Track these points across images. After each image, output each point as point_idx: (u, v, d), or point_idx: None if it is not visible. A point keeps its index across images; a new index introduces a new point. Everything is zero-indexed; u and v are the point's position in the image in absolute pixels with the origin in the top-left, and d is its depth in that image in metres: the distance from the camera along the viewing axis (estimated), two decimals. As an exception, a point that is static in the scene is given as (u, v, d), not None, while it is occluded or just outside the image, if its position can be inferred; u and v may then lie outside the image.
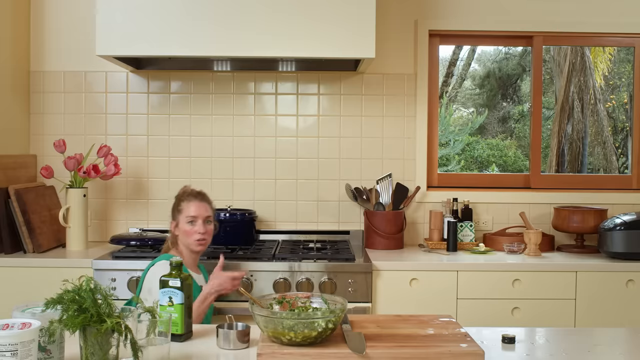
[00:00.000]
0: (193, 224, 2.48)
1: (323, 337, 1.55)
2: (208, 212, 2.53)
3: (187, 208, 2.50)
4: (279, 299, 1.70)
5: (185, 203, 2.52)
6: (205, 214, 2.51)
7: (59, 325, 1.41)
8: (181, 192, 2.59)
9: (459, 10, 3.48)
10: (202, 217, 2.49)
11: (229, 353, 1.67)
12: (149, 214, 3.44)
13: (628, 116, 9.86)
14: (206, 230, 2.50)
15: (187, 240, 2.49)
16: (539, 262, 2.96)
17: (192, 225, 2.48)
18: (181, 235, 2.51)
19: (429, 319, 1.79)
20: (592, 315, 2.91)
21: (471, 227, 3.34)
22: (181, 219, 2.51)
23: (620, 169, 9.94)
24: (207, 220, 2.52)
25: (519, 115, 11.45)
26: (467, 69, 11.88)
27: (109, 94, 3.44)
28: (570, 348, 1.73)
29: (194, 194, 2.55)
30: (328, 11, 2.94)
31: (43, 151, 3.41)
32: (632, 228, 2.99)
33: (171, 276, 1.79)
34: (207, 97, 3.45)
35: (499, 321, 2.85)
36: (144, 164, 3.45)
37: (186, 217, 2.49)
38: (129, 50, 2.96)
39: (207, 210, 2.52)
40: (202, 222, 2.49)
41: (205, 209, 2.52)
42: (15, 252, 2.97)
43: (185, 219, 2.49)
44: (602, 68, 9.52)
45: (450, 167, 10.33)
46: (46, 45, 3.43)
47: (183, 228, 2.49)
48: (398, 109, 3.48)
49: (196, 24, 2.93)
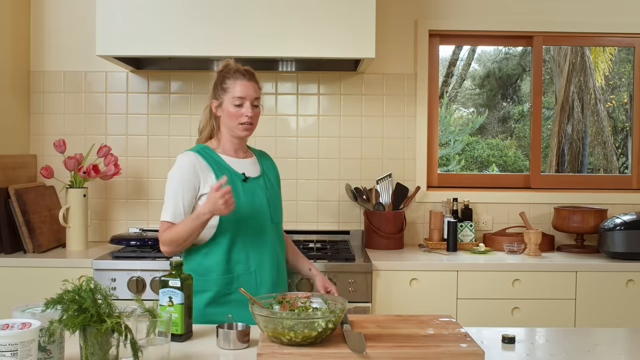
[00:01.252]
0: (240, 106, 2.20)
1: (323, 337, 1.55)
2: (257, 92, 2.24)
3: (234, 87, 2.21)
4: (279, 299, 1.70)
5: (232, 81, 2.22)
6: (253, 94, 2.22)
7: (59, 325, 1.41)
8: (224, 68, 2.27)
9: (459, 10, 3.48)
10: (250, 99, 2.21)
11: (229, 353, 1.67)
12: (149, 214, 3.44)
13: (628, 116, 9.86)
14: (254, 114, 2.22)
15: (231, 124, 2.21)
16: (539, 262, 2.96)
17: (239, 107, 2.20)
18: (224, 117, 2.23)
19: (429, 319, 1.79)
20: (592, 315, 2.91)
21: (471, 227, 3.34)
22: (226, 99, 2.21)
23: (620, 169, 9.94)
24: (255, 104, 2.23)
25: (519, 115, 11.45)
26: (467, 69, 11.88)
27: (109, 94, 3.44)
28: (570, 348, 1.73)
29: (241, 71, 2.23)
30: (328, 11, 2.94)
31: (43, 151, 3.41)
32: (632, 228, 2.99)
33: (171, 276, 1.79)
34: (207, 97, 3.44)
35: (499, 321, 2.85)
36: (144, 164, 3.45)
37: (232, 98, 2.20)
38: (129, 50, 2.96)
39: (255, 91, 2.24)
40: (249, 104, 2.20)
41: (254, 89, 2.23)
42: (15, 252, 2.97)
43: (232, 100, 2.20)
44: (602, 68, 9.52)
45: (450, 167, 10.33)
46: (46, 45, 3.43)
47: (228, 109, 2.21)
48: (398, 109, 3.48)
49: (196, 24, 2.93)
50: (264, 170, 2.31)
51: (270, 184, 2.30)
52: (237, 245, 2.16)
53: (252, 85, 2.23)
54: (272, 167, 2.39)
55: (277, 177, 2.39)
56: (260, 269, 2.18)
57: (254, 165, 2.31)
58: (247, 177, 2.21)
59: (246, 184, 2.20)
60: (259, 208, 2.21)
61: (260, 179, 2.27)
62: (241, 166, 2.25)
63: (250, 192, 2.20)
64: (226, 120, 2.23)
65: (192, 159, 2.18)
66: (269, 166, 2.36)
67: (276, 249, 2.25)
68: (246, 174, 2.22)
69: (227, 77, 2.23)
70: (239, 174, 2.21)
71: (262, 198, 2.22)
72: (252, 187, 2.22)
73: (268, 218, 2.23)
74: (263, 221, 2.21)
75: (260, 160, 2.35)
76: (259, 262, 2.18)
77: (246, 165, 2.27)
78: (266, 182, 2.28)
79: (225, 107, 2.21)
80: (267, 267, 2.20)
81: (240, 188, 2.18)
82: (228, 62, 2.27)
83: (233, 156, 2.25)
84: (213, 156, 2.22)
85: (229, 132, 2.24)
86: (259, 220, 2.20)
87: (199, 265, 2.17)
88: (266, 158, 2.40)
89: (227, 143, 2.26)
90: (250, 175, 2.24)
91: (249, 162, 2.29)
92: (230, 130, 2.24)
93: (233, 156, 2.25)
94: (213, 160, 2.21)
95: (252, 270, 2.17)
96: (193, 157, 2.19)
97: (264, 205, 2.22)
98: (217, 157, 2.22)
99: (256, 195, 2.21)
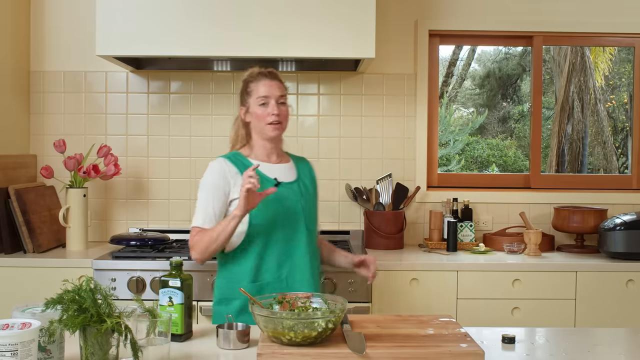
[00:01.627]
0: (265, 105, 2.18)
1: (323, 337, 1.55)
2: (281, 90, 2.22)
3: (257, 88, 2.19)
4: (279, 299, 1.70)
5: (254, 84, 2.21)
6: (277, 92, 2.20)
7: (59, 325, 1.41)
8: (248, 74, 2.26)
9: (459, 10, 3.48)
10: (275, 97, 2.18)
11: (228, 353, 1.67)
12: (149, 214, 3.44)
13: (628, 116, 9.86)
14: (280, 112, 2.18)
15: (260, 125, 2.19)
16: (539, 262, 2.96)
17: (265, 107, 2.18)
18: (253, 120, 2.20)
19: (429, 319, 1.79)
20: (592, 315, 2.91)
21: (471, 227, 3.34)
22: (251, 101, 2.20)
23: (620, 169, 9.94)
24: (281, 101, 2.20)
25: (519, 115, 11.45)
26: (467, 69, 11.89)
27: (109, 94, 3.44)
28: (570, 348, 1.73)
29: (263, 72, 2.23)
30: (328, 11, 2.94)
31: (43, 151, 3.41)
32: (632, 228, 2.99)
33: (171, 276, 1.79)
34: (207, 97, 3.45)
35: (499, 321, 2.85)
36: (144, 164, 3.45)
37: (257, 99, 2.18)
38: (129, 50, 2.96)
39: (280, 89, 2.22)
40: (274, 102, 2.18)
41: (278, 88, 2.21)
42: (15, 252, 2.97)
43: (257, 101, 2.18)
44: (602, 68, 9.52)
45: (450, 167, 10.33)
46: (46, 45, 3.43)
47: (255, 112, 2.18)
48: (398, 109, 3.48)
49: (196, 24, 2.93)
50: (300, 175, 2.27)
51: (306, 190, 2.25)
52: (268, 252, 2.12)
53: (276, 84, 2.21)
54: (309, 173, 2.34)
55: (314, 182, 2.34)
56: (291, 277, 2.13)
57: (290, 170, 2.26)
58: (279, 182, 2.14)
59: (278, 189, 2.11)
60: (292, 214, 2.16)
61: (294, 184, 2.22)
62: (274, 171, 2.20)
63: (283, 197, 2.15)
64: (255, 123, 2.20)
65: (221, 165, 2.16)
66: (305, 171, 2.31)
67: (310, 256, 2.18)
68: (279, 179, 2.15)
69: (250, 81, 2.23)
70: (271, 178, 2.15)
71: (295, 203, 2.17)
72: (285, 192, 2.16)
73: (302, 224, 2.17)
74: (296, 227, 2.16)
75: (297, 165, 2.30)
76: (290, 270, 2.13)
77: (280, 170, 2.22)
78: (301, 187, 2.23)
79: (252, 110, 2.20)
80: (299, 275, 2.14)
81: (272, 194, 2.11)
82: (251, 69, 2.27)
83: (266, 161, 2.22)
84: (244, 162, 2.19)
85: (260, 137, 2.22)
86: (292, 227, 2.15)
87: (229, 272, 2.15)
88: (304, 163, 2.35)
89: (260, 149, 2.23)
90: (284, 180, 2.18)
91: (284, 167, 2.25)
92: (260, 134, 2.21)
93: (266, 161, 2.22)
94: (243, 165, 2.16)
95: (283, 278, 2.12)
96: (222, 163, 2.17)
97: (298, 210, 2.17)
98: (248, 162, 2.18)
99: (288, 200, 2.16)
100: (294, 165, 2.29)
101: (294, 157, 2.35)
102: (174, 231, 3.38)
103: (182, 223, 3.43)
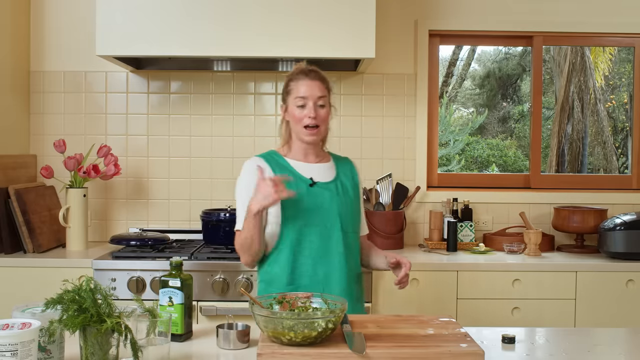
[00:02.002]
0: (303, 107, 2.08)
1: (323, 337, 1.55)
2: (322, 91, 2.09)
3: (296, 88, 2.09)
4: (279, 299, 1.70)
5: (294, 82, 2.11)
6: (317, 94, 2.08)
7: (59, 325, 1.41)
8: (291, 72, 2.16)
9: (459, 10, 3.48)
10: (313, 98, 2.07)
11: (228, 353, 1.67)
12: (149, 214, 3.44)
13: (628, 116, 9.86)
14: (317, 115, 2.07)
15: (296, 127, 2.10)
16: (539, 262, 2.96)
17: (302, 108, 2.08)
18: (291, 121, 2.12)
19: (429, 319, 1.79)
20: (592, 315, 2.91)
21: (471, 227, 3.34)
22: (290, 101, 2.11)
23: (620, 169, 9.94)
24: (320, 103, 2.09)
25: (519, 115, 11.46)
26: (467, 69, 11.89)
27: (109, 94, 3.44)
28: (570, 348, 1.73)
29: (304, 71, 2.11)
30: (328, 11, 2.94)
31: (43, 151, 3.41)
32: (632, 228, 2.99)
33: (171, 276, 1.79)
34: (207, 97, 3.45)
35: (499, 321, 2.85)
36: (144, 164, 3.45)
37: (295, 99, 2.09)
38: (129, 50, 2.96)
39: (320, 90, 2.09)
40: (312, 104, 2.07)
41: (318, 88, 2.08)
42: (15, 252, 2.97)
43: (294, 101, 2.09)
44: (602, 68, 9.52)
45: (450, 167, 10.33)
46: (46, 45, 3.43)
47: (292, 113, 2.10)
48: (398, 109, 3.48)
49: (196, 24, 2.93)
50: (339, 174, 2.17)
51: (344, 190, 2.15)
52: (303, 254, 2.05)
53: (316, 84, 2.09)
54: (351, 173, 2.22)
55: (356, 183, 2.22)
56: (327, 281, 2.05)
57: (329, 170, 2.17)
58: (314, 181, 2.08)
59: (312, 189, 2.06)
60: (326, 214, 2.07)
61: (331, 184, 2.13)
62: (310, 170, 2.12)
63: (317, 197, 2.07)
64: (292, 125, 2.12)
65: (254, 164, 2.09)
66: (346, 171, 2.21)
67: (347, 259, 2.09)
68: (314, 179, 2.09)
69: (291, 79, 2.14)
70: (306, 178, 2.08)
71: (330, 204, 2.08)
72: (320, 192, 2.08)
73: (337, 225, 2.08)
74: (330, 229, 2.07)
75: (337, 165, 2.21)
76: (326, 273, 2.05)
77: (318, 169, 2.14)
78: (338, 187, 2.14)
79: (290, 110, 2.11)
80: (337, 279, 2.06)
81: (305, 192, 2.06)
82: (297, 65, 2.18)
83: (302, 161, 2.14)
84: (279, 160, 2.13)
85: (297, 137, 2.13)
86: (326, 228, 2.07)
87: (266, 274, 2.10)
88: (346, 163, 2.24)
89: (297, 148, 2.15)
90: (320, 180, 2.11)
91: (322, 166, 2.16)
92: (297, 135, 2.12)
93: (302, 161, 2.14)
94: (277, 164, 2.11)
95: (320, 280, 2.04)
96: (256, 162, 2.11)
97: (332, 211, 2.08)
98: (283, 161, 2.13)
99: (323, 201, 2.08)
100: (334, 164, 2.19)
101: (335, 156, 2.25)
102: (174, 231, 3.38)
103: (182, 223, 3.43)
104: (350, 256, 2.11)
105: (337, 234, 2.07)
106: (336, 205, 2.09)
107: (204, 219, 3.09)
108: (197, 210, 3.32)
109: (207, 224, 3.08)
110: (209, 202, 3.40)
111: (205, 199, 3.42)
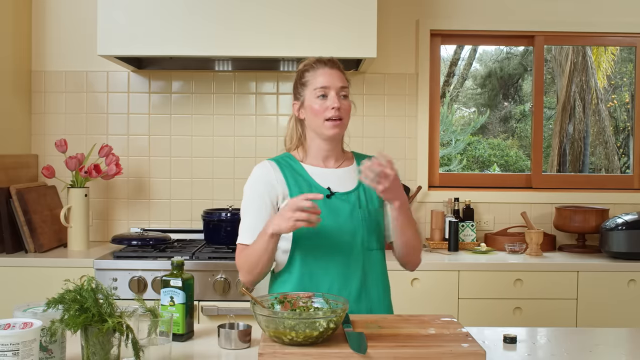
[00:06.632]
0: (324, 98, 1.86)
1: (324, 337, 1.55)
2: (343, 81, 1.89)
3: (314, 78, 1.87)
4: (280, 299, 1.70)
5: (311, 73, 1.89)
6: (339, 83, 1.88)
7: (61, 325, 1.41)
8: (303, 64, 1.94)
9: (460, 10, 3.47)
10: (336, 88, 1.87)
11: (230, 353, 1.67)
12: (150, 213, 3.45)
13: (630, 116, 9.85)
14: (342, 105, 1.87)
15: (316, 122, 1.87)
16: (540, 262, 2.96)
17: (323, 99, 1.86)
18: (309, 117, 1.89)
19: (430, 318, 1.79)
20: (593, 315, 2.91)
21: (472, 226, 3.34)
22: (307, 93, 1.88)
23: (622, 168, 9.93)
24: (342, 93, 1.89)
25: (520, 115, 11.45)
26: (468, 69, 11.89)
27: (110, 94, 3.45)
28: (572, 348, 1.73)
29: (322, 60, 1.90)
30: (329, 11, 2.94)
31: (44, 151, 3.42)
32: (633, 228, 2.99)
33: (173, 276, 1.79)
34: (209, 97, 3.45)
35: (501, 321, 2.85)
36: (145, 164, 3.45)
37: (314, 90, 1.86)
38: (130, 50, 2.96)
39: (341, 80, 1.89)
40: (335, 94, 1.86)
41: (339, 78, 1.88)
42: (16, 252, 2.98)
43: (314, 93, 1.86)
44: (604, 68, 9.52)
45: (451, 166, 10.33)
46: (47, 45, 3.43)
47: (311, 106, 1.87)
48: (399, 108, 3.48)
49: (197, 24, 2.93)
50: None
51: (369, 198, 1.89)
52: (318, 274, 1.83)
53: (337, 74, 1.89)
54: None
55: None
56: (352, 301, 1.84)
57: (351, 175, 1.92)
58: (332, 192, 1.84)
59: (330, 200, 1.82)
60: (345, 230, 1.83)
61: (352, 194, 1.88)
62: (330, 178, 1.89)
63: (335, 210, 1.83)
64: (311, 120, 1.88)
65: (265, 170, 1.89)
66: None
67: (367, 280, 1.87)
68: (332, 188, 1.85)
69: (306, 71, 1.91)
70: (323, 188, 1.85)
71: (349, 218, 1.84)
72: (339, 204, 1.84)
73: (358, 242, 1.85)
74: (350, 246, 1.84)
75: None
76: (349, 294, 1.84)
77: (338, 176, 1.90)
78: (361, 196, 1.89)
79: (308, 103, 1.88)
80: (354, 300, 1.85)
81: (322, 205, 1.77)
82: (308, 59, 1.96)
83: (321, 166, 1.91)
84: (293, 166, 1.90)
85: (316, 136, 1.90)
86: (344, 245, 1.83)
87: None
88: None
89: (315, 151, 1.92)
90: (339, 190, 1.86)
91: (343, 171, 1.93)
92: (317, 133, 1.89)
93: (321, 166, 1.91)
94: (291, 170, 1.89)
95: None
96: (267, 167, 1.89)
97: (353, 226, 1.84)
98: (298, 166, 1.90)
99: (342, 214, 1.84)
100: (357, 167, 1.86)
101: (359, 156, 2.01)
102: (175, 231, 3.38)
103: (183, 223, 3.43)
104: (373, 277, 1.90)
105: (357, 252, 1.85)
106: (357, 220, 1.85)
107: (205, 218, 3.10)
108: (198, 210, 3.32)
109: (209, 224, 3.08)
110: (210, 202, 3.41)
111: (207, 199, 3.43)
